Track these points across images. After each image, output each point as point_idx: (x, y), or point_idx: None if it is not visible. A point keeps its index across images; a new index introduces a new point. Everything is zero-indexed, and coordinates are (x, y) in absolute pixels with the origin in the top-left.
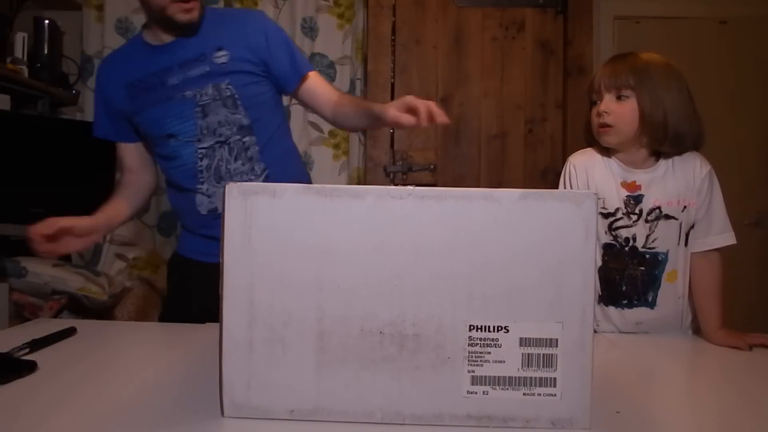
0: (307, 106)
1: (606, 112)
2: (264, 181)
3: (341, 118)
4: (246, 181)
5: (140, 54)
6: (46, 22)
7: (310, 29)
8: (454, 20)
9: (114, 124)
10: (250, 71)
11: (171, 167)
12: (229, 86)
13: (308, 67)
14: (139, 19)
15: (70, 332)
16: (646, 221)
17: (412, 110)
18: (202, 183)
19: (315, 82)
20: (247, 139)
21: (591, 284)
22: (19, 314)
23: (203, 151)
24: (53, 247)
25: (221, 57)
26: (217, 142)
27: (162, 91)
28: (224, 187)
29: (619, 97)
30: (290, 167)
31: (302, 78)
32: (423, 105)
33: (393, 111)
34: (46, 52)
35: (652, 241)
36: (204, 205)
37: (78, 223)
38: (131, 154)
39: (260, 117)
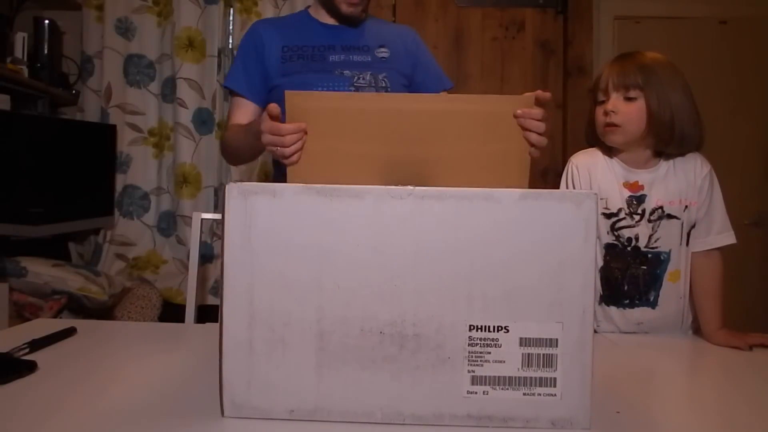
0: None
1: (613, 111)
2: None
3: None
4: None
5: (305, 25)
6: (46, 22)
7: None
8: (454, 20)
9: (250, 79)
10: (404, 73)
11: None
12: (386, 79)
13: (449, 83)
14: (139, 19)
15: (70, 332)
16: (649, 221)
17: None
18: None
19: None
20: None
21: (591, 284)
22: (19, 314)
23: None
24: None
25: (383, 53)
26: None
27: (321, 64)
28: None
29: (627, 98)
30: None
31: (443, 90)
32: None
33: None
34: (46, 52)
35: (655, 241)
36: None
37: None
38: (246, 115)
39: None
